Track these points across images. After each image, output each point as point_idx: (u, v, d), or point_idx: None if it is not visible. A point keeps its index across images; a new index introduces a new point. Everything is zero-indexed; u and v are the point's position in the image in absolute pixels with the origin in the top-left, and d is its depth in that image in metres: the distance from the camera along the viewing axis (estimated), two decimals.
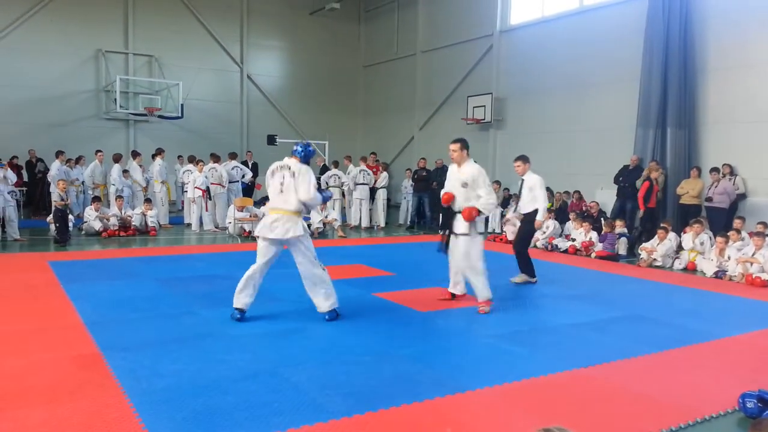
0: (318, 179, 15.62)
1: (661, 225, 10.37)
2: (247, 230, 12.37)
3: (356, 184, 14.39)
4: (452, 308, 6.56)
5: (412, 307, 6.55)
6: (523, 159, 8.12)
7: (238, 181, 14.70)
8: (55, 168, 14.15)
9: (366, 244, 12.10)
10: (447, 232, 6.49)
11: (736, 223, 9.78)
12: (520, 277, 8.09)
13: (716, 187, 10.89)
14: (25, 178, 16.14)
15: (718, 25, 11.75)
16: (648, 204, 11.19)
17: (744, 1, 11.39)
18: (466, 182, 6.31)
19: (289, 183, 5.75)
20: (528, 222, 8.03)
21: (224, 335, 5.32)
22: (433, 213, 14.93)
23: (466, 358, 4.85)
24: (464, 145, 6.44)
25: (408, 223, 15.45)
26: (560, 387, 4.25)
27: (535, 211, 7.89)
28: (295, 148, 5.98)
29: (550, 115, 15.20)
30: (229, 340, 5.17)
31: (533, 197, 7.91)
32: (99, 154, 14.53)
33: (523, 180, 8.11)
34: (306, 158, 6.00)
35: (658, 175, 11.39)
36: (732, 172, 11.03)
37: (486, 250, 11.14)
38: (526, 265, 8.09)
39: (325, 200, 6.73)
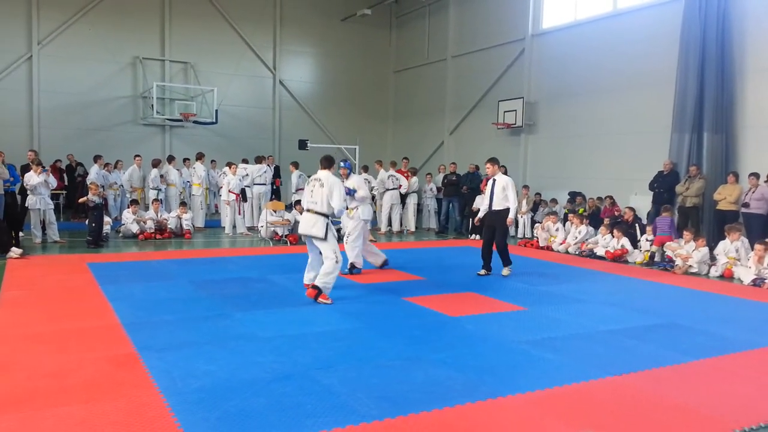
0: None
1: (696, 232, 10.13)
2: (279, 234, 12.50)
3: (386, 189, 14.44)
4: (483, 313, 6.54)
5: (443, 311, 6.55)
6: (493, 161, 9.15)
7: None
8: (94, 172, 14.57)
9: (396, 249, 12.12)
10: None
11: None
12: (508, 269, 9.10)
13: (753, 192, 10.60)
14: (65, 181, 16.59)
15: (757, 26, 11.46)
16: None
17: None
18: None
19: None
20: (502, 218, 8.95)
21: (257, 337, 5.39)
22: (462, 218, 14.87)
23: (497, 364, 4.82)
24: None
25: (438, 227, 15.42)
26: (594, 395, 4.20)
27: (507, 209, 8.91)
28: None
29: (583, 119, 15.00)
30: (263, 342, 5.24)
31: (505, 197, 8.91)
32: (137, 158, 14.89)
33: (495, 180, 9.06)
34: None
35: None
36: None
37: (518, 255, 11.05)
38: (508, 256, 9.14)
39: None
